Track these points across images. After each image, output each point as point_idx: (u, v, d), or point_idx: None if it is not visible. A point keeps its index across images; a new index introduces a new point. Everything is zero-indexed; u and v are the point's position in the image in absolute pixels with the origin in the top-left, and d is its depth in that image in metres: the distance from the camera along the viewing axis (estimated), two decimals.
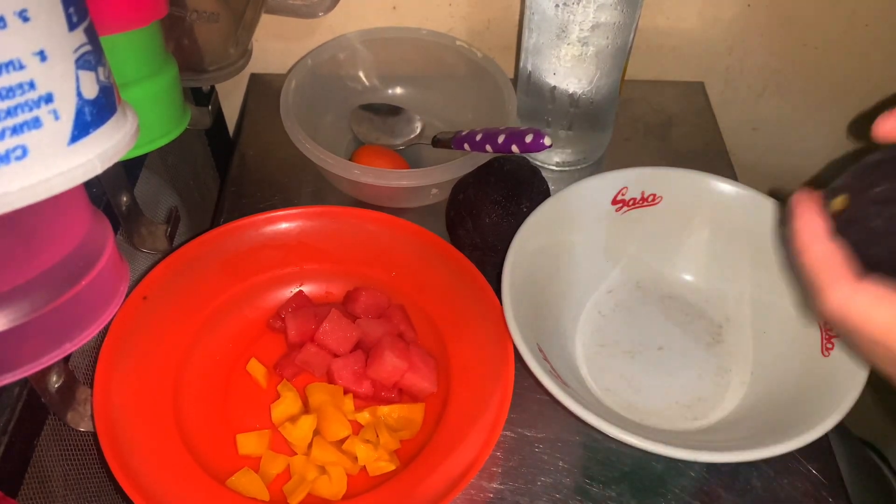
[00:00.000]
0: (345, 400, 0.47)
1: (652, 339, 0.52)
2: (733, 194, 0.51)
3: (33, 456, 0.39)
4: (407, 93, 0.69)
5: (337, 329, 0.48)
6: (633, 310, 0.54)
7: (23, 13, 0.24)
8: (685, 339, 0.52)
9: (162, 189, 0.62)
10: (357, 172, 0.55)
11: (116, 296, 0.35)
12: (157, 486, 0.40)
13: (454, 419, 0.45)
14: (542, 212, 0.49)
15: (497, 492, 0.45)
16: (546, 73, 0.57)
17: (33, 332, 0.31)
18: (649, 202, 0.53)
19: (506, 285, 0.45)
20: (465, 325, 0.49)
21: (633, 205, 0.52)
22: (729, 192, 0.51)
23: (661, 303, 0.54)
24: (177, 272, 0.50)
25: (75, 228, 0.32)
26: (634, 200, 0.52)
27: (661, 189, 0.52)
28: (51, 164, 0.26)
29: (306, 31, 0.70)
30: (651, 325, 0.53)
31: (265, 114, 0.69)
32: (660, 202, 0.52)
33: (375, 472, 0.44)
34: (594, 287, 0.54)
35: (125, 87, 0.40)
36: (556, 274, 0.51)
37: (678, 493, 0.45)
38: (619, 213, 0.53)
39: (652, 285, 0.55)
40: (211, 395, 0.48)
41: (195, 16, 0.53)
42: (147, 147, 0.44)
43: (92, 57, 0.28)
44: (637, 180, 0.52)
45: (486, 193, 0.52)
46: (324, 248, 0.53)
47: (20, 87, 0.25)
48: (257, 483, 0.43)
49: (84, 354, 0.47)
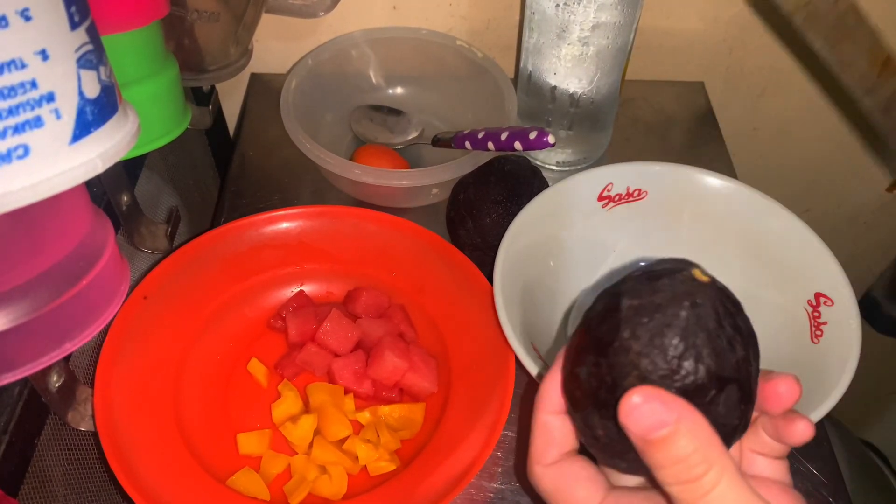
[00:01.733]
0: (345, 400, 0.47)
1: None
2: (718, 187, 0.51)
3: (34, 455, 0.39)
4: (407, 93, 0.69)
5: (337, 329, 0.48)
6: None
7: (24, 12, 0.24)
8: None
9: (162, 189, 0.62)
10: (357, 172, 0.55)
11: (117, 295, 0.35)
12: (158, 486, 0.40)
13: (454, 419, 0.45)
14: (528, 211, 0.49)
15: (497, 492, 0.45)
16: (546, 73, 0.57)
17: (34, 331, 0.31)
18: (635, 197, 0.53)
19: (497, 286, 0.45)
20: (465, 325, 0.49)
21: (620, 200, 0.52)
22: (714, 184, 0.51)
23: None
24: (177, 272, 0.50)
25: (76, 228, 0.32)
26: (620, 196, 0.52)
27: (646, 184, 0.52)
28: (52, 163, 0.26)
29: (307, 30, 0.70)
30: None
31: (265, 114, 0.69)
32: (645, 197, 0.52)
33: (376, 472, 0.44)
34: (584, 283, 0.54)
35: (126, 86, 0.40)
36: (547, 272, 0.51)
37: None
38: (605, 209, 0.53)
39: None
40: (211, 394, 0.48)
41: (196, 15, 0.53)
42: (148, 147, 0.44)
43: (93, 56, 0.28)
44: (621, 175, 0.52)
45: (486, 193, 0.52)
46: (324, 248, 0.53)
47: (22, 87, 0.25)
48: (258, 483, 0.43)
49: (84, 354, 0.47)
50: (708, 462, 0.25)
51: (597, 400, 0.27)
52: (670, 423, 0.25)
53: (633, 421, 0.25)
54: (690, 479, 0.25)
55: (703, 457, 0.25)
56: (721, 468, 0.25)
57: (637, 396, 0.25)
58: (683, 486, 0.25)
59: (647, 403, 0.25)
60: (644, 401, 0.25)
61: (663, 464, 0.25)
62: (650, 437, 0.25)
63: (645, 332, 0.26)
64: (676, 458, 0.25)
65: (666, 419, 0.25)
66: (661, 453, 0.25)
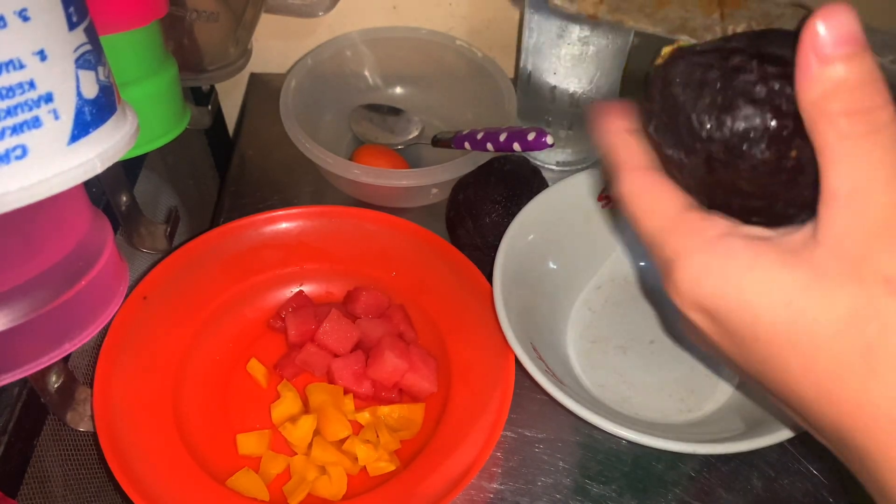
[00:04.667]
0: (345, 400, 0.47)
1: (643, 334, 0.52)
2: None
3: (33, 456, 0.39)
4: (407, 92, 0.69)
5: (337, 329, 0.48)
6: (624, 305, 0.54)
7: (23, 12, 0.24)
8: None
9: (162, 189, 0.62)
10: (357, 172, 0.54)
11: (116, 296, 0.35)
12: (157, 486, 0.40)
13: (454, 419, 0.45)
14: (528, 211, 0.49)
15: (497, 492, 0.45)
16: (546, 73, 0.57)
17: (33, 331, 0.31)
18: None
19: (497, 286, 0.45)
20: (465, 325, 0.49)
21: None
22: None
23: (651, 297, 0.54)
24: (177, 272, 0.50)
25: (75, 228, 0.32)
26: None
27: None
28: (50, 163, 0.26)
29: (306, 30, 0.70)
30: (641, 319, 0.53)
31: (265, 113, 0.68)
32: None
33: (375, 473, 0.44)
34: (584, 284, 0.54)
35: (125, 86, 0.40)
36: (547, 272, 0.51)
37: (678, 493, 0.45)
38: (605, 208, 0.53)
39: (641, 280, 0.55)
40: (211, 395, 0.48)
41: (195, 15, 0.53)
42: (147, 147, 0.44)
43: (92, 56, 0.28)
44: None
45: (486, 193, 0.52)
46: (324, 248, 0.53)
47: (20, 87, 0.25)
48: (257, 483, 0.43)
49: (84, 354, 0.47)
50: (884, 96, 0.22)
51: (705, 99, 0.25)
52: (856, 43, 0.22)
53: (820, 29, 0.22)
54: (863, 110, 0.22)
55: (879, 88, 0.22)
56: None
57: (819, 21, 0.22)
58: (853, 118, 0.22)
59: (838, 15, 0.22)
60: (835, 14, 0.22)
61: (836, 89, 0.22)
62: (837, 51, 0.22)
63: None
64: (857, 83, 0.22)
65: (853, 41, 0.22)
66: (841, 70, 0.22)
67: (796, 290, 0.24)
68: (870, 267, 0.23)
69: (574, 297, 0.54)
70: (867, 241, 0.23)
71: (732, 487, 0.45)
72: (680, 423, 0.47)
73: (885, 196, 0.22)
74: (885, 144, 0.22)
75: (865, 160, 0.23)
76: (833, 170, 0.23)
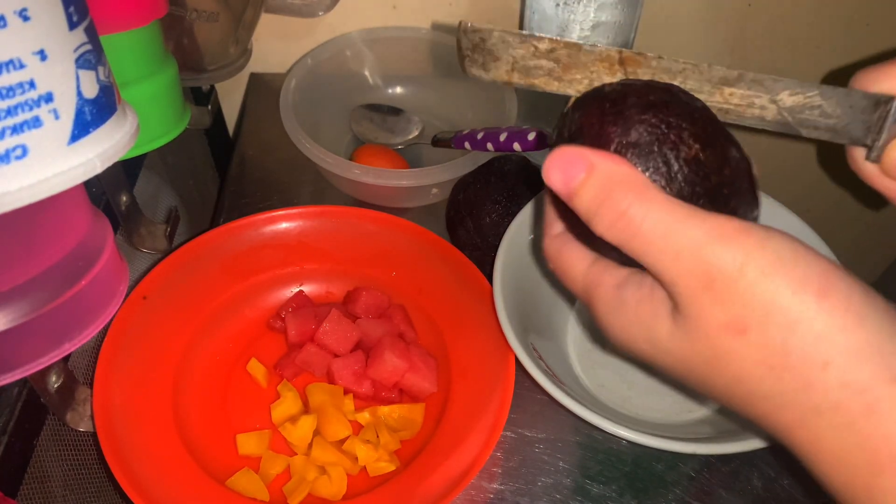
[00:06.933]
0: (345, 400, 0.47)
1: None
2: None
3: (33, 456, 0.39)
4: (407, 92, 0.69)
5: (337, 329, 0.48)
6: None
7: (23, 12, 0.24)
8: None
9: (161, 189, 0.62)
10: (357, 172, 0.54)
11: (116, 296, 0.35)
12: (157, 486, 0.40)
13: (454, 419, 0.45)
14: (528, 211, 0.49)
15: (497, 492, 0.45)
16: None
17: (33, 331, 0.31)
18: None
19: (497, 286, 0.45)
20: (465, 325, 0.49)
21: None
22: None
23: None
24: (177, 272, 0.50)
25: (75, 228, 0.32)
26: None
27: None
28: (51, 163, 0.26)
29: (306, 30, 0.70)
30: None
31: (265, 113, 0.68)
32: None
33: (375, 473, 0.44)
34: None
35: (125, 86, 0.40)
36: (546, 272, 0.51)
37: (678, 493, 0.45)
38: None
39: None
40: (211, 395, 0.48)
41: (195, 15, 0.53)
42: (147, 146, 0.44)
43: (92, 56, 0.28)
44: None
45: (486, 193, 0.52)
46: (324, 248, 0.53)
47: (20, 87, 0.24)
48: (257, 483, 0.43)
49: (84, 354, 0.47)
50: (628, 195, 0.26)
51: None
52: (583, 171, 0.27)
53: (551, 180, 0.28)
54: (619, 214, 0.26)
55: (624, 193, 0.26)
56: (645, 199, 0.26)
57: (550, 158, 0.28)
58: (616, 227, 0.27)
59: (558, 159, 0.28)
60: (555, 157, 0.28)
61: (590, 208, 0.27)
62: (571, 188, 0.27)
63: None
64: (598, 199, 0.27)
65: (578, 169, 0.27)
66: (583, 198, 0.27)
67: (667, 337, 0.29)
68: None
69: (574, 298, 0.54)
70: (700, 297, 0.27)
71: (733, 487, 0.45)
72: (680, 423, 0.47)
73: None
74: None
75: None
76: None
